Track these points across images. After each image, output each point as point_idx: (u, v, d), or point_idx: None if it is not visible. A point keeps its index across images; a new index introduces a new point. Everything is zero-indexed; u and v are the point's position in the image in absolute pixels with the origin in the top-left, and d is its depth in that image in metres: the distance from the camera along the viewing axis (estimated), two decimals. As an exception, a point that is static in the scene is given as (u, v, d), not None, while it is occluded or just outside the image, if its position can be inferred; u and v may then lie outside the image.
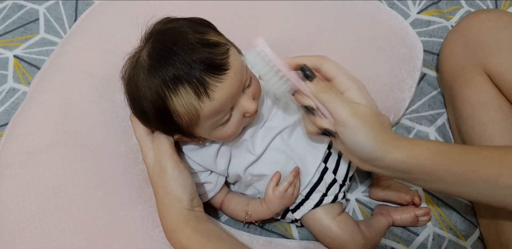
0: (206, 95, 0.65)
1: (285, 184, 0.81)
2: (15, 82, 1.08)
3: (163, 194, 0.73)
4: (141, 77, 0.67)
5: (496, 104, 0.94)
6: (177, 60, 0.64)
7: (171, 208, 0.73)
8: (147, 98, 0.67)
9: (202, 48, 0.66)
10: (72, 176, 0.75)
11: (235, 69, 0.67)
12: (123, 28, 0.89)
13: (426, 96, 1.10)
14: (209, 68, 0.65)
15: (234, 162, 0.82)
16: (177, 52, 0.65)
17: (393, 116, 1.02)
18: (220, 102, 0.67)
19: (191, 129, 0.71)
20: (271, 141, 0.82)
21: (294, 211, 0.87)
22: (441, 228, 0.95)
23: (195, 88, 0.65)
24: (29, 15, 1.16)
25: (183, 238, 0.72)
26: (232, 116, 0.72)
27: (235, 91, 0.69)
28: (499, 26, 0.96)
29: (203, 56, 0.65)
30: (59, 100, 0.81)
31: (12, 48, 1.12)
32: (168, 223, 0.74)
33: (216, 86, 0.65)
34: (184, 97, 0.65)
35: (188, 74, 0.64)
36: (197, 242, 0.71)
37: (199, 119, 0.68)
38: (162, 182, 0.73)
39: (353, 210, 0.97)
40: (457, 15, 1.19)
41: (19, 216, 0.73)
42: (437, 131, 1.06)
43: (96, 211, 0.74)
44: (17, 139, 0.79)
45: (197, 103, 0.66)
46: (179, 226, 0.73)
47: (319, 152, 0.85)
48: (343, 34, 0.99)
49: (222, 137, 0.75)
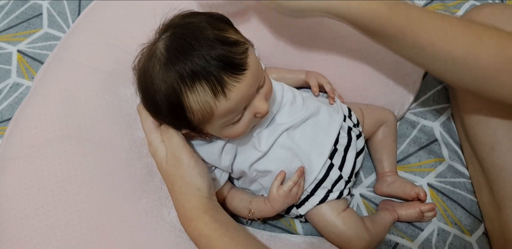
0: (223, 95, 0.64)
1: (290, 183, 0.81)
2: (19, 77, 1.08)
3: (182, 184, 0.72)
4: (157, 70, 0.65)
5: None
6: (196, 56, 0.63)
7: (192, 197, 0.72)
8: (161, 92, 0.66)
9: (222, 46, 0.64)
10: (76, 170, 0.75)
11: (253, 70, 0.66)
12: (126, 22, 0.90)
13: (430, 91, 1.10)
14: (228, 67, 0.64)
15: (240, 158, 0.82)
16: (196, 47, 0.63)
17: (398, 110, 1.02)
18: (236, 102, 0.66)
19: (202, 126, 0.70)
20: (278, 138, 0.81)
21: (299, 206, 0.86)
22: (446, 223, 0.95)
23: (213, 86, 0.63)
24: (32, 10, 1.16)
25: (202, 225, 0.71)
26: (243, 116, 0.71)
27: (251, 91, 0.68)
28: (502, 21, 0.95)
29: (223, 54, 0.63)
30: (62, 94, 0.81)
31: (16, 43, 1.12)
32: (187, 211, 0.72)
33: (233, 86, 0.64)
34: (200, 95, 0.64)
35: (207, 71, 0.63)
36: (216, 230, 0.70)
37: (212, 118, 0.67)
38: (180, 173, 0.72)
39: (357, 205, 0.97)
40: (462, 9, 1.19)
41: (23, 210, 0.73)
42: (441, 125, 1.06)
43: (100, 204, 0.74)
44: (21, 132, 0.79)
45: (212, 101, 0.65)
46: (198, 214, 0.71)
47: (325, 149, 0.85)
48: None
49: (230, 136, 0.74)
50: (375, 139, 0.98)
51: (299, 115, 0.84)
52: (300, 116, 0.83)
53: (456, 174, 1.00)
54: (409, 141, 1.04)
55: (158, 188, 0.80)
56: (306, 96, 0.89)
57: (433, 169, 1.01)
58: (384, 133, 0.98)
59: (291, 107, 0.84)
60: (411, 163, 1.02)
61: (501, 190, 0.91)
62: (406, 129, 1.05)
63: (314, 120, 0.85)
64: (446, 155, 1.02)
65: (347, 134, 0.88)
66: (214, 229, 0.71)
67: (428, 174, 1.00)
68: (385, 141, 0.98)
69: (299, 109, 0.85)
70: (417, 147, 1.03)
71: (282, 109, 0.83)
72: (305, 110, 0.85)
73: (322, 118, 0.86)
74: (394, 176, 0.97)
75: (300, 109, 0.85)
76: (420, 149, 1.03)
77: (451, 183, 0.99)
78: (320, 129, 0.85)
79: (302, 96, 0.87)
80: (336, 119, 0.87)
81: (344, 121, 0.88)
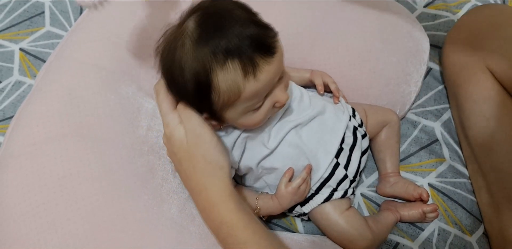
0: (253, 75, 0.63)
1: (298, 181, 0.81)
2: (21, 75, 1.08)
3: (204, 165, 0.69)
4: (187, 47, 0.63)
5: (499, 100, 0.94)
6: (231, 33, 0.62)
7: (214, 178, 0.70)
8: (189, 70, 0.64)
9: (255, 26, 0.64)
10: (77, 167, 0.76)
11: (280, 55, 0.66)
12: (128, 20, 0.90)
13: (432, 91, 1.10)
14: (261, 48, 0.63)
15: (247, 154, 0.82)
16: (230, 25, 0.62)
17: (399, 110, 1.02)
18: (263, 84, 0.65)
19: (223, 110, 0.69)
20: (286, 135, 0.81)
21: (303, 204, 0.87)
22: (446, 223, 0.95)
23: (244, 66, 0.62)
24: (34, 8, 1.16)
25: (226, 212, 0.68)
26: (263, 105, 0.70)
27: (277, 77, 0.68)
28: (500, 22, 0.96)
29: (256, 35, 0.63)
30: (64, 92, 0.81)
31: (18, 41, 1.12)
32: (211, 195, 0.69)
33: (264, 67, 0.63)
34: (230, 74, 0.63)
35: (240, 49, 0.61)
36: (240, 220, 0.68)
37: (237, 101, 0.66)
38: (202, 152, 0.69)
39: (358, 205, 0.97)
40: (464, 9, 1.19)
41: (25, 207, 0.73)
42: (442, 125, 1.06)
43: (101, 201, 0.74)
44: (23, 130, 0.79)
45: (241, 82, 0.63)
46: (223, 199, 0.69)
47: (332, 147, 0.85)
48: (349, 27, 0.99)
49: (247, 124, 0.73)
50: (378, 139, 0.98)
51: (307, 113, 0.84)
52: (308, 114, 0.84)
53: (456, 174, 1.00)
54: (410, 140, 1.04)
55: (159, 185, 0.80)
56: (312, 95, 0.89)
57: (434, 169, 1.01)
58: (387, 134, 0.98)
59: (299, 105, 0.84)
60: (412, 163, 1.02)
61: (500, 191, 0.92)
62: (407, 129, 1.05)
63: (320, 119, 0.86)
64: (447, 155, 1.03)
65: (353, 133, 0.89)
66: (238, 218, 0.68)
67: (429, 174, 1.00)
68: (388, 141, 0.98)
69: (307, 107, 0.85)
70: (418, 147, 1.03)
71: (290, 107, 0.84)
72: (312, 109, 0.85)
73: (329, 117, 0.87)
74: (396, 176, 0.97)
75: (307, 107, 0.85)
76: (421, 149, 1.03)
77: (451, 183, 0.99)
78: (326, 127, 0.86)
79: (308, 95, 0.88)
80: (342, 118, 0.88)
81: (349, 121, 0.89)
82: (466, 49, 1.00)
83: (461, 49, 1.02)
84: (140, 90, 0.80)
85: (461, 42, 1.02)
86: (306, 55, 0.99)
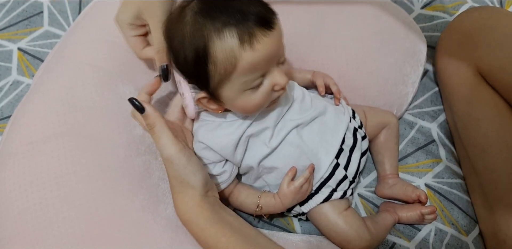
0: (249, 44, 0.64)
1: (301, 180, 0.81)
2: (19, 75, 1.09)
3: (175, 184, 0.72)
4: (188, 17, 0.66)
5: (491, 102, 0.95)
6: (231, 7, 0.65)
7: (185, 196, 0.71)
8: (189, 38, 0.66)
9: (256, 2, 0.67)
10: (74, 166, 0.76)
11: (278, 32, 0.68)
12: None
13: (429, 92, 1.10)
14: (259, 21, 0.65)
15: (249, 153, 0.82)
16: (231, 1, 0.66)
17: (396, 111, 1.02)
18: (259, 55, 0.66)
19: (221, 85, 0.69)
20: (287, 134, 0.82)
21: (302, 204, 0.87)
22: (443, 223, 0.95)
23: (241, 34, 0.64)
24: (33, 8, 1.17)
25: (198, 231, 0.71)
26: (262, 85, 0.71)
27: (274, 53, 0.68)
28: (491, 25, 0.96)
29: (257, 9, 0.65)
30: (62, 92, 0.82)
31: (16, 41, 1.13)
32: (182, 213, 0.72)
33: (261, 38, 0.65)
34: (227, 42, 0.64)
35: (238, 19, 0.64)
36: (211, 237, 0.70)
37: (234, 72, 0.67)
38: (172, 172, 0.71)
39: (356, 205, 0.97)
40: (461, 10, 1.19)
41: (21, 205, 0.73)
42: (439, 126, 1.06)
43: (97, 200, 0.74)
44: (20, 129, 0.80)
45: (238, 51, 0.65)
46: (192, 217, 0.71)
47: (332, 148, 0.85)
48: (346, 27, 0.99)
49: (246, 106, 0.73)
50: (377, 141, 0.99)
51: (308, 113, 0.84)
52: (309, 114, 0.84)
53: (453, 175, 1.01)
54: (407, 141, 1.04)
55: (156, 185, 0.80)
56: (313, 96, 0.90)
57: (430, 169, 1.01)
58: (386, 136, 0.98)
59: (301, 105, 0.85)
60: (409, 163, 1.02)
61: (493, 192, 0.92)
62: (404, 129, 1.06)
63: (321, 119, 0.86)
64: (443, 156, 1.03)
65: (353, 134, 0.89)
66: (210, 235, 0.71)
67: (426, 175, 1.00)
68: (387, 143, 0.98)
69: (308, 107, 0.85)
70: (415, 148, 1.04)
71: (293, 106, 0.84)
72: (314, 109, 0.85)
73: (329, 118, 0.87)
74: (395, 178, 0.97)
75: (309, 107, 0.85)
76: (418, 149, 1.04)
77: (448, 183, 0.99)
78: (327, 128, 0.86)
79: (310, 96, 0.88)
80: (343, 119, 0.88)
81: (349, 122, 0.89)
82: (458, 52, 1.01)
83: (453, 52, 1.02)
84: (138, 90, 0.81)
85: (453, 45, 1.03)
86: (304, 56, 0.99)
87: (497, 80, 0.93)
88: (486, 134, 0.94)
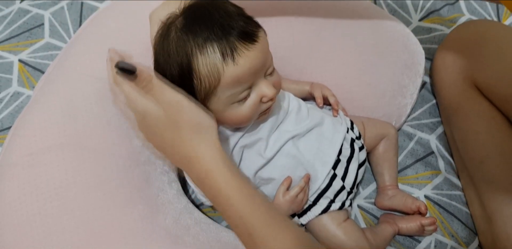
0: (232, 58, 0.65)
1: (296, 189, 0.81)
2: (20, 86, 1.09)
3: (190, 131, 0.65)
4: (172, 34, 0.68)
5: (489, 115, 0.95)
6: (213, 22, 0.66)
7: (204, 143, 0.66)
8: (173, 55, 0.68)
9: (238, 17, 0.68)
10: (74, 177, 0.76)
11: (262, 45, 0.69)
12: (127, 32, 0.90)
13: (427, 104, 1.11)
14: (241, 35, 0.66)
15: (244, 164, 0.82)
16: (214, 15, 0.66)
17: (395, 122, 1.03)
18: (242, 69, 0.67)
19: (207, 99, 0.70)
20: (283, 145, 0.82)
21: (301, 216, 0.87)
22: (443, 235, 0.95)
23: (223, 49, 0.65)
24: (34, 20, 1.17)
25: (222, 180, 0.64)
26: (249, 97, 0.71)
27: (259, 66, 0.69)
28: (488, 38, 0.97)
29: (238, 24, 0.66)
30: (62, 103, 0.82)
31: (17, 52, 1.13)
32: (204, 162, 0.65)
33: (243, 52, 0.66)
34: (209, 57, 0.65)
35: (220, 36, 0.65)
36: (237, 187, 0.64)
37: (218, 86, 0.68)
38: (185, 116, 0.65)
39: (355, 216, 0.97)
40: (458, 23, 1.20)
41: (21, 216, 0.73)
42: (437, 138, 1.06)
43: (97, 211, 0.74)
44: (20, 140, 0.80)
45: (220, 65, 0.66)
46: (218, 164, 0.65)
47: (329, 158, 0.85)
48: (344, 40, 1.00)
49: (234, 118, 0.73)
50: (376, 152, 0.99)
51: (304, 124, 0.84)
52: (305, 125, 0.84)
53: (452, 187, 1.00)
54: (406, 152, 1.04)
55: (155, 195, 0.80)
56: (310, 107, 0.90)
57: (429, 181, 1.01)
58: (385, 147, 0.98)
59: (297, 116, 0.85)
60: (408, 174, 1.02)
61: (491, 203, 0.92)
62: (403, 141, 1.06)
63: (318, 130, 0.86)
64: (442, 168, 1.03)
65: (350, 145, 0.89)
66: (234, 187, 0.64)
67: (425, 186, 1.00)
68: (386, 154, 0.98)
69: (304, 118, 0.86)
70: (414, 159, 1.04)
71: (288, 117, 0.84)
72: (310, 120, 0.85)
73: (326, 129, 0.87)
74: (395, 189, 0.97)
75: (305, 118, 0.86)
76: (417, 161, 1.04)
77: (447, 195, 0.99)
78: (324, 139, 0.86)
79: (307, 107, 0.88)
80: (340, 130, 0.88)
81: (347, 133, 0.89)
82: (455, 65, 1.01)
83: (450, 65, 1.03)
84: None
85: (450, 58, 1.03)
86: (302, 68, 0.99)
87: (494, 93, 0.94)
88: (484, 146, 0.95)
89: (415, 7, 1.22)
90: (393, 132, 0.99)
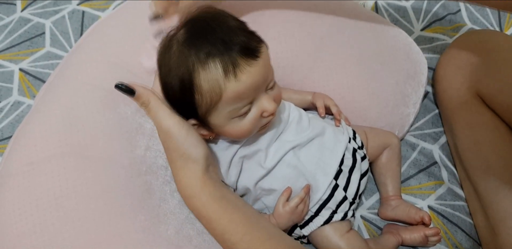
0: (234, 75, 0.65)
1: (296, 200, 0.80)
2: (20, 95, 1.09)
3: (176, 158, 0.72)
4: (174, 49, 0.68)
5: (492, 125, 0.95)
6: (215, 37, 0.66)
7: (187, 171, 0.72)
8: (175, 70, 0.68)
9: (240, 31, 0.68)
10: (74, 187, 0.75)
11: (264, 61, 0.69)
12: (128, 41, 0.90)
13: (430, 114, 1.11)
14: (243, 50, 0.66)
15: (244, 174, 0.82)
16: (216, 30, 0.67)
17: (398, 132, 1.02)
18: (244, 86, 0.67)
19: (208, 113, 0.71)
20: (284, 155, 0.81)
21: (303, 227, 0.86)
22: (447, 245, 0.94)
23: (225, 65, 0.65)
24: (35, 29, 1.18)
25: (200, 206, 0.71)
26: (250, 112, 0.72)
27: (261, 81, 0.69)
28: (490, 48, 0.97)
29: (240, 39, 0.66)
30: (63, 112, 0.81)
31: (18, 61, 1.13)
32: (184, 188, 0.72)
33: (245, 68, 0.66)
34: (211, 73, 0.66)
35: (222, 50, 0.65)
36: (214, 212, 0.70)
37: (220, 102, 0.68)
38: (172, 146, 0.72)
39: (359, 227, 0.96)
40: (460, 32, 1.20)
41: (21, 226, 0.72)
42: (440, 148, 1.06)
43: (98, 221, 0.73)
44: (20, 150, 0.79)
45: (222, 81, 0.66)
46: (195, 192, 0.71)
47: (331, 169, 0.85)
48: (347, 49, 1.00)
49: (235, 133, 0.74)
50: (379, 162, 0.98)
51: (306, 134, 0.84)
52: (306, 135, 0.84)
53: (455, 197, 1.00)
54: (409, 162, 1.04)
55: (157, 205, 0.79)
56: (312, 117, 0.90)
57: (433, 191, 1.01)
58: (388, 157, 0.98)
59: (298, 126, 0.85)
60: (411, 185, 1.01)
61: (495, 214, 0.91)
62: (406, 151, 1.05)
63: (319, 140, 0.86)
64: (445, 178, 1.03)
65: (352, 155, 0.89)
66: (212, 210, 0.71)
67: (429, 196, 1.00)
68: (389, 164, 0.98)
69: (305, 128, 0.85)
70: (417, 169, 1.03)
71: (289, 127, 0.84)
72: (311, 130, 0.85)
73: (328, 139, 0.87)
74: (398, 200, 0.97)
75: (306, 128, 0.85)
76: (420, 171, 1.03)
77: (451, 205, 0.99)
78: (325, 149, 0.85)
79: (308, 117, 0.88)
80: (341, 140, 0.88)
81: (349, 142, 0.89)
82: (457, 75, 1.02)
83: (452, 75, 1.03)
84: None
85: (452, 68, 1.03)
86: (304, 78, 0.99)
87: (497, 103, 0.94)
88: (487, 157, 0.94)
89: (417, 17, 1.23)
90: (396, 141, 0.99)
